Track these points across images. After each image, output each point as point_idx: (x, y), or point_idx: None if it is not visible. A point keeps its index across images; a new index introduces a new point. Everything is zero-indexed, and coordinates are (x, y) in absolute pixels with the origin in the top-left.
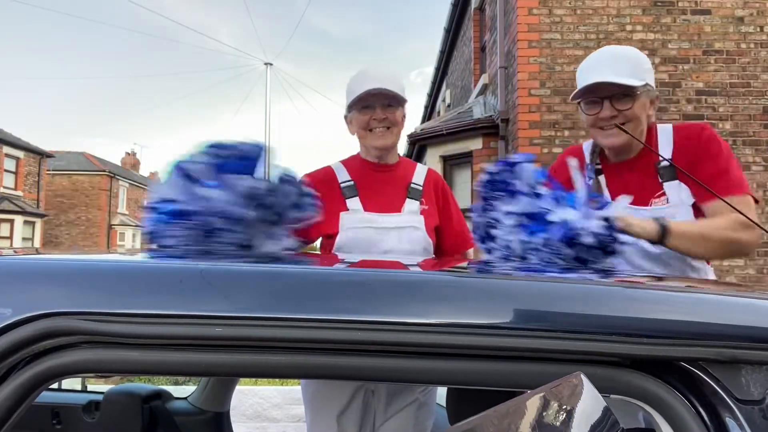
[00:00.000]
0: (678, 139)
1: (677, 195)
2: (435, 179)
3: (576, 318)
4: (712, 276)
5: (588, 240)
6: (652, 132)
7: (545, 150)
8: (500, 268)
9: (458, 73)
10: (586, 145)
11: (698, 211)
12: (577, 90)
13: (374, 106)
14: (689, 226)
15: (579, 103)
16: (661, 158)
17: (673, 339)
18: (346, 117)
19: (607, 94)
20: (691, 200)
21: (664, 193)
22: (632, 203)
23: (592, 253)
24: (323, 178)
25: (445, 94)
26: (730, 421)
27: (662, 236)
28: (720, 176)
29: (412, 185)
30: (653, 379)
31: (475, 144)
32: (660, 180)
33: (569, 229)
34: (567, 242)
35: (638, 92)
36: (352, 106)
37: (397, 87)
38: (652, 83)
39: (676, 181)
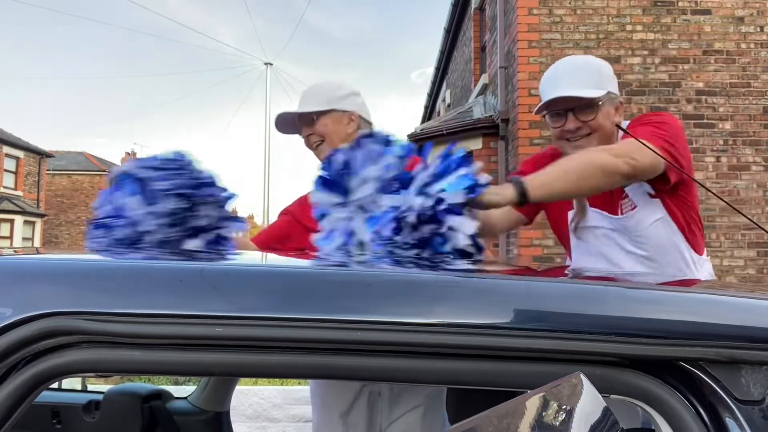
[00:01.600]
0: (631, 131)
1: (637, 189)
2: None
3: (576, 318)
4: (708, 267)
5: (410, 219)
6: (614, 136)
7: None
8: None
9: (458, 73)
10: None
11: (666, 202)
12: (539, 104)
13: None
14: (547, 169)
15: (544, 115)
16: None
17: (672, 339)
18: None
19: (570, 106)
20: (649, 188)
21: (627, 195)
22: (603, 210)
23: (422, 234)
24: None
25: (445, 94)
26: (730, 422)
27: (523, 192)
28: (647, 132)
29: None
30: (653, 379)
31: (475, 144)
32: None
33: (393, 213)
34: (394, 227)
35: (600, 102)
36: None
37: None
38: (615, 90)
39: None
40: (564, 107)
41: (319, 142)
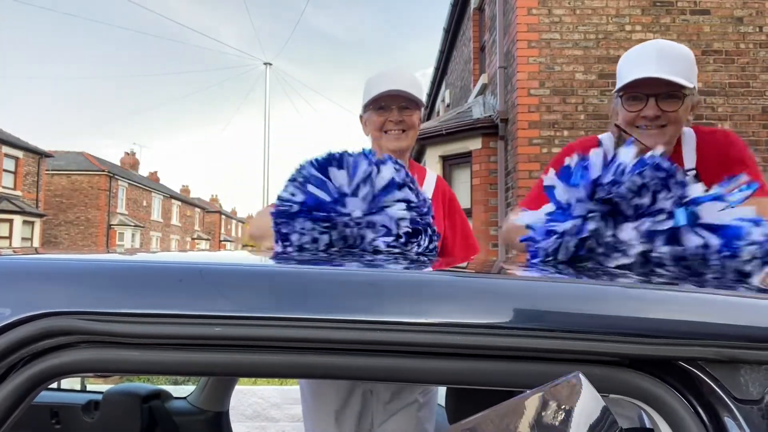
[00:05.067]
0: (702, 146)
1: None
2: (443, 189)
3: (575, 317)
4: None
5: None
6: (678, 136)
7: (544, 150)
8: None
9: (458, 73)
10: (605, 139)
11: None
12: (624, 82)
13: (391, 108)
14: None
15: (619, 95)
16: (686, 168)
17: (671, 338)
18: (361, 117)
19: (654, 92)
20: None
21: None
22: None
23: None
24: None
25: (445, 94)
26: (728, 421)
27: None
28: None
29: None
30: (652, 379)
31: (475, 144)
32: None
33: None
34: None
35: (686, 94)
36: (368, 106)
37: (415, 89)
38: (696, 87)
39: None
40: (648, 91)
41: (405, 128)
